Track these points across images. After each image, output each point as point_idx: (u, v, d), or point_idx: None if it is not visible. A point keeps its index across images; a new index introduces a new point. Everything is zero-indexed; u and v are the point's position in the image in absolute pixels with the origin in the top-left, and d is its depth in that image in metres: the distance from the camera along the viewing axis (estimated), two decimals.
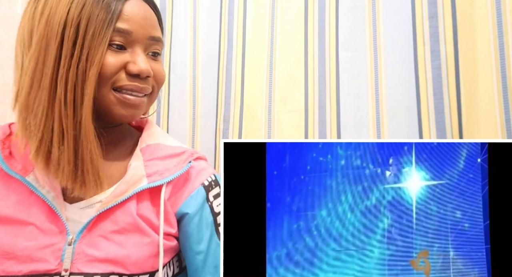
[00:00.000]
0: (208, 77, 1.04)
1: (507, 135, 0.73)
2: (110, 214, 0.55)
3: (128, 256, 0.53)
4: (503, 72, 0.74)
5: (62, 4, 0.51)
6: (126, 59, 0.55)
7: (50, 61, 0.51)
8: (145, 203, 0.58)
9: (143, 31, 0.55)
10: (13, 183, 0.55)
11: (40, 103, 0.51)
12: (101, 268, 0.52)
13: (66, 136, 0.51)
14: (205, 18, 1.05)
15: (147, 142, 0.62)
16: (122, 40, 0.54)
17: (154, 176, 0.58)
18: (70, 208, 0.55)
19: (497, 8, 0.76)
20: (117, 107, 0.55)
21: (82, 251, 0.53)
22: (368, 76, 0.88)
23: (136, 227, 0.55)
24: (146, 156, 0.59)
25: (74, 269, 0.52)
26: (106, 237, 0.54)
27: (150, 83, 0.58)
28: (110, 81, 0.54)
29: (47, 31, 0.51)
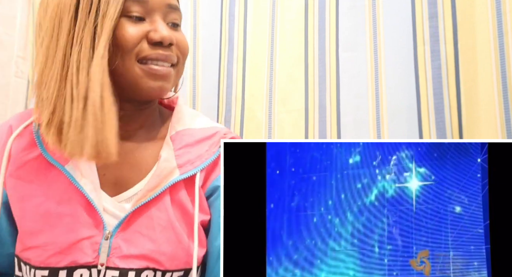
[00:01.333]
0: (208, 77, 1.04)
1: (507, 135, 0.73)
2: (145, 210, 0.55)
3: (163, 252, 0.54)
4: (503, 72, 0.74)
5: None
6: (147, 28, 0.53)
7: (64, 34, 0.50)
8: (181, 192, 0.57)
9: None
10: (53, 172, 0.55)
11: (53, 77, 0.50)
12: (136, 264, 0.53)
13: (76, 102, 0.49)
14: (205, 18, 1.05)
15: (176, 128, 0.60)
16: (140, 10, 0.53)
17: (186, 166, 0.57)
18: (108, 201, 0.55)
19: (497, 8, 0.76)
20: (144, 79, 0.53)
21: (118, 246, 0.53)
22: (368, 76, 0.88)
23: (170, 223, 0.55)
24: (176, 145, 0.58)
25: (110, 263, 0.52)
26: (141, 233, 0.54)
27: (174, 51, 0.56)
28: (133, 52, 0.52)
29: (59, 7, 0.51)
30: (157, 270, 0.54)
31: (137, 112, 0.59)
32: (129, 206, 0.55)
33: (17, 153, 0.56)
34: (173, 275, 0.55)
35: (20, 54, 1.17)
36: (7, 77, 1.13)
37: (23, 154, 0.56)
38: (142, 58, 0.53)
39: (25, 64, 1.17)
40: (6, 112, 1.13)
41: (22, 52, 1.17)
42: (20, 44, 1.17)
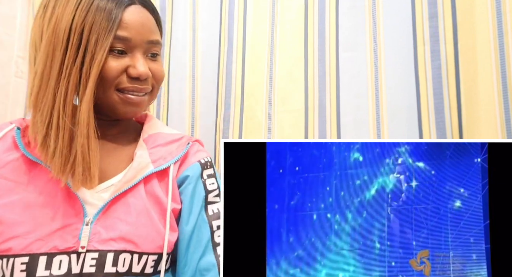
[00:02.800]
0: (207, 77, 1.04)
1: (507, 135, 0.73)
2: (122, 198, 0.60)
3: (138, 234, 0.59)
4: (503, 72, 0.74)
5: (67, 13, 0.57)
6: (127, 63, 0.60)
7: (56, 65, 0.56)
8: (153, 183, 0.63)
9: (141, 37, 0.61)
10: (34, 169, 0.60)
11: (46, 103, 0.56)
12: (114, 246, 0.57)
13: (62, 131, 0.56)
14: (205, 19, 1.05)
15: (149, 132, 0.68)
16: (123, 46, 0.59)
17: (158, 161, 0.64)
18: (87, 192, 0.60)
19: (497, 8, 0.76)
20: (121, 105, 0.61)
21: (97, 231, 0.58)
22: (368, 76, 0.88)
23: (145, 209, 0.61)
24: (149, 145, 0.66)
25: (90, 247, 0.57)
26: (119, 218, 0.59)
27: (149, 82, 0.64)
28: (114, 83, 0.60)
29: (54, 37, 0.56)
30: (134, 253, 0.58)
31: (116, 121, 0.67)
32: (107, 195, 0.60)
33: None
34: (148, 258, 0.59)
35: (20, 54, 1.17)
36: (7, 77, 1.13)
37: (4, 156, 0.60)
38: (120, 89, 0.61)
39: (25, 64, 1.17)
40: (6, 112, 1.13)
41: (22, 52, 1.17)
42: (20, 44, 1.17)
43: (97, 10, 0.56)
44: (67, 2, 0.57)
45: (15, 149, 0.61)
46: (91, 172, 0.57)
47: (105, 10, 0.57)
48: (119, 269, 0.57)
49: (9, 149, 0.61)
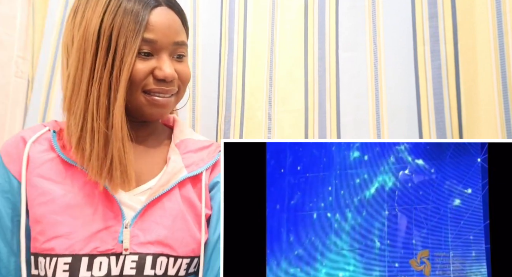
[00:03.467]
0: (208, 77, 1.04)
1: (507, 135, 0.73)
2: (158, 202, 0.61)
3: (175, 238, 0.60)
4: (503, 72, 0.74)
5: (96, 16, 0.58)
6: (153, 65, 0.61)
7: (87, 68, 0.57)
8: (187, 187, 0.65)
9: (167, 39, 0.61)
10: (71, 170, 0.61)
11: (79, 106, 0.58)
12: (152, 249, 0.59)
13: (97, 135, 0.57)
14: (205, 19, 1.05)
15: (180, 138, 0.69)
16: (149, 48, 0.60)
17: (191, 167, 0.65)
18: (125, 195, 0.61)
19: (497, 8, 0.76)
20: (147, 107, 0.62)
21: (136, 234, 0.59)
22: (368, 76, 0.88)
23: (180, 213, 0.62)
24: (182, 150, 0.67)
25: (130, 249, 0.58)
26: (156, 222, 0.60)
27: (175, 84, 0.64)
28: (140, 85, 0.60)
29: (84, 40, 0.58)
30: (170, 256, 0.59)
31: (145, 123, 0.68)
32: (144, 198, 0.61)
33: (35, 155, 0.61)
34: (182, 261, 0.61)
35: (20, 54, 1.17)
36: (7, 77, 1.13)
37: (41, 155, 0.61)
38: (147, 90, 0.61)
39: (25, 64, 1.17)
40: (6, 112, 1.13)
41: (22, 52, 1.17)
42: (20, 44, 1.17)
43: (125, 12, 0.57)
44: (96, 6, 0.58)
45: (51, 150, 0.62)
46: (128, 174, 0.58)
47: (132, 13, 0.57)
48: (157, 272, 0.58)
49: (45, 150, 0.61)
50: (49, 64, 1.11)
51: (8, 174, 0.60)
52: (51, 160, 0.61)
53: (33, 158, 0.60)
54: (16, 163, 0.60)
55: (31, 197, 0.59)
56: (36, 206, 0.58)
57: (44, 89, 1.10)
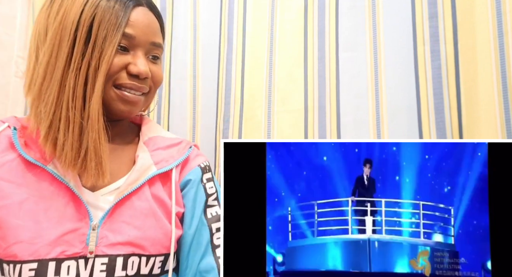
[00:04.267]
0: (208, 77, 1.04)
1: (507, 135, 0.73)
2: (127, 200, 0.60)
3: (146, 238, 0.59)
4: (503, 72, 0.74)
5: (76, 6, 0.57)
6: (128, 60, 0.60)
7: (63, 57, 0.56)
8: (157, 186, 0.63)
9: (145, 37, 0.61)
10: (33, 170, 0.58)
11: (51, 94, 0.56)
12: (122, 250, 0.57)
13: (72, 124, 0.56)
14: (205, 18, 1.05)
15: (148, 135, 0.68)
16: (126, 43, 0.60)
17: (161, 163, 0.64)
18: (91, 195, 0.59)
19: (497, 8, 0.76)
20: (117, 102, 0.61)
21: (105, 235, 0.57)
22: (368, 76, 0.88)
23: (151, 211, 0.61)
24: (150, 147, 0.66)
25: (98, 251, 0.56)
26: (126, 222, 0.59)
27: (147, 83, 0.64)
28: (112, 78, 0.59)
29: (61, 28, 0.57)
30: (142, 255, 0.58)
31: (113, 122, 0.65)
32: (112, 198, 0.60)
33: None
34: (156, 259, 0.60)
35: (20, 54, 1.17)
36: (7, 77, 1.13)
37: (0, 156, 0.58)
38: (118, 84, 0.60)
39: (25, 64, 1.17)
40: (6, 112, 1.13)
41: (22, 52, 1.17)
42: (20, 44, 1.17)
43: (106, 7, 0.57)
44: None
45: (11, 149, 0.59)
46: (102, 166, 0.57)
47: (114, 8, 0.58)
48: (128, 273, 0.57)
49: (4, 150, 0.59)
50: None
51: None
52: (11, 161, 0.58)
53: None
54: None
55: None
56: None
57: None
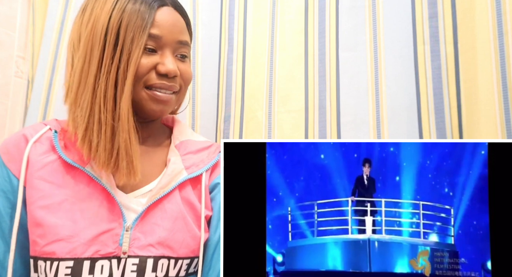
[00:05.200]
0: (208, 77, 1.04)
1: (507, 135, 0.73)
2: (158, 204, 0.62)
3: (175, 240, 0.60)
4: (503, 72, 0.74)
5: (104, 13, 0.59)
6: (156, 60, 0.62)
7: (95, 62, 0.58)
8: (187, 189, 0.65)
9: (171, 36, 0.62)
10: (72, 172, 0.61)
11: (86, 98, 0.58)
12: (153, 252, 0.59)
13: (104, 126, 0.58)
14: (205, 18, 1.05)
15: (180, 139, 0.69)
16: (154, 44, 0.61)
17: (191, 168, 0.66)
18: (125, 197, 0.61)
19: (497, 8, 0.76)
20: (149, 102, 0.62)
21: (137, 237, 0.59)
22: (368, 76, 0.88)
23: (181, 214, 0.62)
24: (182, 151, 0.67)
25: (130, 252, 0.58)
26: (157, 224, 0.60)
27: (177, 82, 0.65)
28: (142, 80, 0.61)
29: (92, 35, 0.59)
30: (171, 258, 0.60)
31: (146, 123, 0.67)
32: (145, 200, 0.62)
33: (36, 156, 0.61)
34: (183, 262, 0.61)
35: (20, 54, 1.17)
36: (7, 77, 1.13)
37: (42, 157, 0.61)
38: (149, 85, 0.62)
39: (25, 64, 1.17)
40: (6, 112, 1.13)
41: (22, 52, 1.17)
42: (20, 44, 1.17)
43: (132, 10, 0.59)
44: (105, 4, 0.60)
45: (52, 151, 0.61)
46: (134, 165, 0.59)
47: (139, 10, 0.59)
48: (158, 274, 0.58)
49: (46, 152, 0.61)
50: (49, 64, 1.11)
51: (8, 173, 0.60)
52: (52, 162, 0.61)
53: (34, 160, 0.60)
54: (17, 162, 0.60)
55: (31, 199, 0.58)
56: (36, 209, 0.58)
57: (44, 89, 1.10)
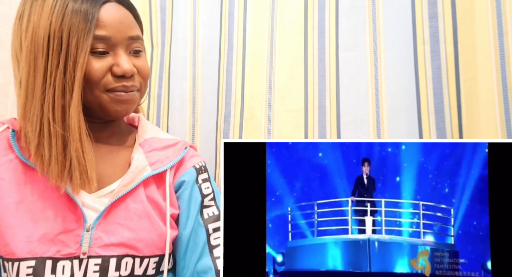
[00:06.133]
0: (208, 77, 1.04)
1: (507, 135, 0.73)
2: (122, 202, 0.60)
3: (139, 239, 0.59)
4: (503, 72, 0.74)
5: (43, 19, 0.55)
6: (110, 62, 0.59)
7: (39, 73, 0.55)
8: (152, 188, 0.63)
9: (120, 34, 0.59)
10: (31, 171, 0.59)
11: (35, 112, 0.56)
12: (116, 251, 0.58)
13: (55, 138, 0.56)
14: (205, 18, 1.05)
15: (144, 137, 0.68)
16: (103, 46, 0.58)
17: (156, 164, 0.64)
18: (88, 197, 0.60)
19: (497, 8, 0.76)
20: (112, 104, 0.60)
21: (98, 236, 0.58)
22: (368, 76, 0.88)
23: (145, 212, 0.61)
24: (146, 149, 0.65)
25: (92, 252, 0.57)
26: (120, 223, 0.59)
27: (136, 80, 0.62)
28: (100, 84, 0.58)
29: (33, 45, 0.56)
30: (136, 257, 0.59)
31: (107, 123, 0.66)
32: (107, 200, 0.60)
33: None
34: (150, 260, 0.60)
35: None
36: (7, 77, 1.13)
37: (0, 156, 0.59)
38: (109, 89, 0.59)
39: None
40: (6, 112, 1.13)
41: None
42: None
43: (73, 12, 0.55)
44: (42, 9, 0.56)
45: (9, 150, 0.60)
46: (88, 175, 0.57)
47: (80, 12, 0.56)
48: (121, 273, 0.58)
49: (3, 151, 0.60)
50: None
51: None
52: (9, 161, 0.59)
53: None
54: None
55: None
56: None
57: None
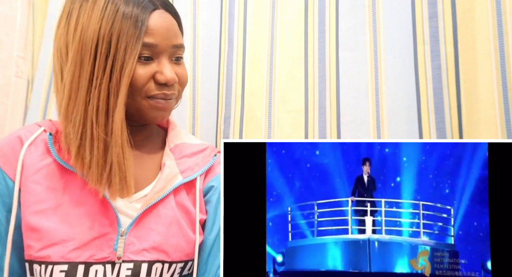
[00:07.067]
0: (208, 77, 1.04)
1: (507, 135, 0.73)
2: (153, 209, 0.62)
3: (169, 244, 0.60)
4: (503, 72, 0.74)
5: (93, 21, 0.56)
6: (154, 69, 0.60)
7: (85, 75, 0.56)
8: (182, 194, 0.65)
9: (166, 42, 0.60)
10: (67, 175, 0.60)
11: (78, 113, 0.56)
12: (148, 256, 0.59)
13: (97, 142, 0.56)
14: (205, 18, 1.05)
15: (175, 142, 0.69)
16: (149, 53, 0.59)
17: (186, 172, 0.65)
18: (120, 202, 0.61)
19: (497, 8, 0.76)
20: (150, 111, 0.61)
21: (131, 242, 0.59)
22: (368, 76, 0.88)
23: (175, 218, 0.62)
24: (176, 155, 0.67)
25: (125, 257, 0.58)
26: (152, 229, 0.60)
27: (176, 88, 0.64)
28: (143, 90, 0.59)
29: (81, 46, 0.56)
30: (165, 262, 0.60)
31: (142, 126, 0.67)
32: (139, 205, 0.61)
33: (31, 160, 0.59)
34: (176, 266, 0.61)
35: (20, 54, 1.17)
36: (7, 77, 1.13)
37: (37, 160, 0.60)
38: (150, 96, 0.60)
39: (25, 64, 1.17)
40: (6, 112, 1.13)
41: (22, 52, 1.17)
42: (20, 44, 1.17)
43: (123, 17, 0.56)
44: (92, 11, 0.56)
45: (47, 154, 0.60)
46: (127, 181, 0.58)
47: (131, 17, 0.56)
48: None
49: (41, 155, 0.60)
50: (49, 64, 1.11)
51: (4, 176, 0.59)
52: (47, 165, 0.60)
53: (29, 164, 0.59)
54: (12, 165, 0.59)
55: (26, 203, 0.57)
56: (31, 214, 0.57)
57: (44, 89, 1.10)
